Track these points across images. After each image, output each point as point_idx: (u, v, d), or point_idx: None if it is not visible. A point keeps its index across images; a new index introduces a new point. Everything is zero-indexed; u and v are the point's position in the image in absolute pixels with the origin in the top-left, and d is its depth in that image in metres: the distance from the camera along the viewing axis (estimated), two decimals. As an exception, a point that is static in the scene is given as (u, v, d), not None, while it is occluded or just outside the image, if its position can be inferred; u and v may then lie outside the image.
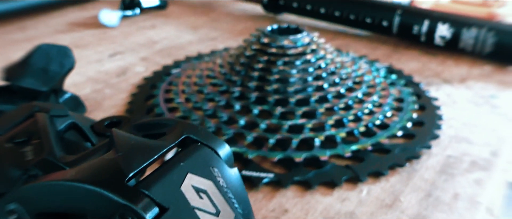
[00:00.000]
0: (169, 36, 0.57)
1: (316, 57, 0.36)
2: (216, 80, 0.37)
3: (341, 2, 0.57)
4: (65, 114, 0.22)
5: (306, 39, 0.36)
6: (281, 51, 0.35)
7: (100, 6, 0.71)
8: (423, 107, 0.37)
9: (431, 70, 0.46)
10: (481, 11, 0.59)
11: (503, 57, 0.47)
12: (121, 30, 0.60)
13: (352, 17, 0.56)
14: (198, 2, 0.76)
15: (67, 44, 0.53)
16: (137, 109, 0.37)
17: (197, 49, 0.53)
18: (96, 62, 0.49)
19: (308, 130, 0.32)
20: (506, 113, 0.37)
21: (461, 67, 0.47)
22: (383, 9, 0.54)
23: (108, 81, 0.44)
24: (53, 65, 0.33)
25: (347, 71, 0.37)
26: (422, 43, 0.51)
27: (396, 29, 0.53)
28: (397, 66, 0.47)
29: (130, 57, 0.50)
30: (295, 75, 0.35)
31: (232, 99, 0.34)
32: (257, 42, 0.37)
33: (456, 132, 0.34)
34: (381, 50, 0.52)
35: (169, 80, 0.42)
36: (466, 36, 0.48)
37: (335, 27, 0.60)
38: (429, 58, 0.50)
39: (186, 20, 0.65)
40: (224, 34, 0.58)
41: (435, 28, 0.49)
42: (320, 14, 0.59)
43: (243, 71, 0.36)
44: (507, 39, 0.46)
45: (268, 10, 0.65)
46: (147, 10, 0.68)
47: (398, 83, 0.41)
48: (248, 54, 0.36)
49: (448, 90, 0.42)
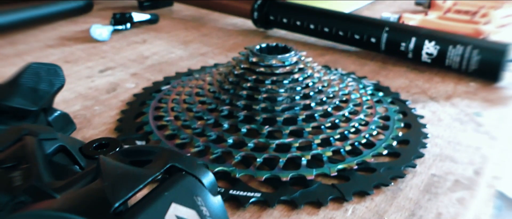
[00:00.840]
0: (159, 51, 0.58)
1: (304, 76, 0.36)
2: (205, 98, 0.38)
3: (330, 19, 0.58)
4: (53, 137, 0.23)
5: (293, 58, 0.37)
6: (269, 70, 0.36)
7: (91, 20, 0.72)
8: (409, 125, 0.38)
9: (418, 87, 0.47)
10: (468, 27, 0.61)
11: (487, 75, 0.48)
12: (112, 45, 0.60)
13: (341, 33, 0.57)
14: (190, 16, 0.76)
15: (58, 59, 0.54)
16: (127, 127, 0.38)
17: (187, 64, 0.53)
18: (86, 78, 0.49)
19: (295, 149, 0.32)
20: (489, 131, 0.38)
21: (447, 84, 0.48)
22: (371, 26, 0.55)
23: (98, 97, 0.44)
24: (42, 84, 0.33)
25: (334, 89, 0.38)
26: (409, 59, 0.52)
27: (384, 46, 0.53)
28: (385, 83, 0.48)
29: (120, 73, 0.50)
30: (283, 94, 0.35)
31: (221, 118, 0.35)
32: (246, 61, 0.37)
33: (440, 151, 0.35)
34: (369, 66, 0.53)
35: (159, 97, 0.42)
36: (452, 53, 0.49)
37: (325, 43, 0.61)
38: (417, 74, 0.51)
39: (177, 35, 0.65)
40: (214, 49, 0.59)
41: (422, 45, 0.50)
42: (309, 30, 0.60)
43: (232, 89, 0.36)
44: (491, 57, 0.47)
45: (258, 25, 0.66)
46: (138, 24, 0.69)
47: (385, 101, 0.41)
48: (237, 73, 0.37)
49: (434, 107, 0.42)
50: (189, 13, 0.78)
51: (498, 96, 0.45)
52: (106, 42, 0.61)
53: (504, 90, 0.46)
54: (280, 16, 0.62)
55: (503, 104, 0.43)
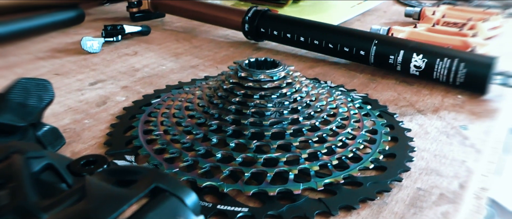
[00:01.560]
0: (150, 64, 0.58)
1: (292, 91, 0.37)
2: (194, 112, 0.38)
3: (320, 31, 0.59)
4: (41, 155, 0.23)
5: (282, 73, 0.37)
6: (258, 85, 0.36)
7: (82, 32, 0.72)
8: (396, 138, 0.38)
9: (406, 100, 0.47)
10: (456, 40, 0.61)
11: (474, 87, 0.49)
12: (103, 57, 0.60)
13: (331, 46, 0.57)
14: (181, 28, 0.77)
15: (48, 72, 0.54)
16: (116, 142, 0.38)
17: (178, 77, 0.53)
18: (76, 91, 0.49)
19: (283, 164, 0.33)
20: (475, 144, 0.38)
21: (435, 97, 0.48)
22: (360, 39, 0.55)
23: (88, 111, 0.44)
24: (31, 99, 0.34)
25: (322, 103, 0.38)
26: (398, 72, 0.53)
27: (373, 59, 0.54)
28: (374, 96, 0.48)
29: (111, 86, 0.51)
30: (271, 109, 0.36)
31: (210, 132, 0.35)
32: (235, 76, 0.37)
33: (426, 164, 0.35)
34: (359, 79, 0.53)
35: (149, 111, 0.42)
36: (439, 66, 0.49)
37: (315, 55, 0.61)
38: (405, 87, 0.51)
39: (168, 47, 0.66)
40: (205, 61, 0.59)
41: (410, 58, 0.51)
42: (300, 42, 0.60)
43: (221, 104, 0.37)
44: (477, 70, 0.48)
45: (249, 37, 0.66)
46: (130, 36, 0.69)
47: (373, 114, 0.42)
48: (226, 87, 0.37)
49: (421, 120, 0.43)
50: (181, 24, 0.79)
51: (485, 109, 0.46)
52: (97, 54, 0.61)
53: (490, 103, 0.47)
54: (271, 28, 0.62)
55: (489, 117, 0.44)
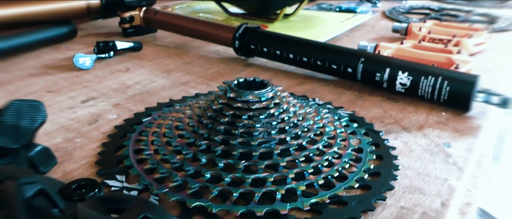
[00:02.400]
0: (142, 80, 0.59)
1: (279, 111, 0.38)
2: (184, 132, 0.39)
3: (308, 49, 0.60)
4: (33, 181, 0.23)
5: (270, 93, 0.38)
6: (246, 105, 0.37)
7: (75, 47, 0.73)
8: (381, 156, 0.39)
9: (391, 117, 0.49)
10: (441, 56, 0.63)
11: (457, 105, 0.50)
12: (95, 73, 0.61)
13: (319, 63, 0.59)
14: (173, 43, 0.78)
15: (40, 89, 0.55)
16: (107, 161, 0.38)
17: (169, 94, 0.54)
18: (68, 109, 0.50)
19: (270, 184, 0.33)
20: (457, 162, 0.40)
21: (420, 114, 0.50)
22: (348, 56, 0.57)
23: (79, 129, 0.45)
24: (24, 121, 0.34)
25: (309, 123, 0.39)
26: (385, 89, 0.54)
27: (360, 76, 0.55)
28: (360, 113, 0.49)
29: (102, 103, 0.51)
30: (259, 129, 0.36)
31: (199, 152, 0.36)
32: (224, 96, 0.38)
33: (410, 182, 0.36)
34: (346, 96, 0.55)
35: (140, 129, 0.43)
36: (424, 84, 0.51)
37: (304, 71, 0.62)
38: (391, 104, 0.52)
39: (160, 63, 0.66)
40: (196, 78, 0.60)
41: (396, 76, 0.52)
42: (289, 59, 0.61)
43: (210, 124, 0.38)
44: (461, 88, 0.49)
45: (239, 53, 0.67)
46: (122, 52, 0.70)
47: (359, 132, 0.43)
48: (215, 108, 0.38)
49: (406, 138, 0.44)
50: (172, 40, 0.80)
51: (468, 126, 0.47)
52: (89, 70, 0.62)
53: (473, 120, 0.48)
54: (261, 45, 0.64)
55: (472, 134, 0.45)
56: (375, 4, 1.15)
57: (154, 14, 0.78)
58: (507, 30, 0.91)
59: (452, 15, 1.06)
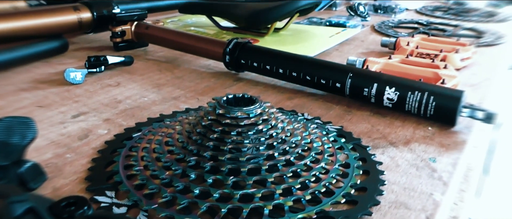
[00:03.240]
0: (133, 95, 0.59)
1: (268, 127, 0.38)
2: (174, 147, 0.39)
3: (297, 64, 0.61)
4: (23, 199, 0.24)
5: (258, 109, 0.39)
6: (235, 122, 0.38)
7: (66, 61, 0.73)
8: (368, 172, 0.40)
9: (379, 132, 0.49)
10: (428, 71, 0.64)
11: (443, 120, 0.51)
12: (85, 88, 0.61)
13: (308, 78, 0.59)
14: (164, 57, 0.78)
15: (31, 104, 0.55)
16: (97, 177, 0.39)
17: (160, 109, 0.55)
18: (59, 124, 0.50)
19: (258, 199, 0.34)
20: (442, 177, 0.40)
21: (406, 129, 0.50)
22: (336, 72, 0.58)
23: (70, 145, 0.45)
24: (14, 137, 0.35)
25: (297, 138, 0.40)
26: (373, 103, 0.55)
27: (348, 91, 0.56)
28: (348, 128, 0.50)
29: (93, 118, 0.52)
30: (248, 145, 0.37)
31: (188, 168, 0.36)
32: (213, 112, 0.39)
33: (396, 197, 0.37)
34: (335, 110, 0.55)
35: (130, 145, 0.43)
36: (411, 99, 0.52)
37: (293, 86, 0.63)
38: (379, 118, 0.53)
39: (151, 77, 0.67)
40: (187, 93, 0.61)
41: (383, 91, 0.53)
42: (278, 73, 0.62)
43: (200, 140, 0.38)
44: (447, 103, 0.50)
45: (230, 68, 0.68)
46: (113, 66, 0.70)
47: (346, 148, 0.44)
48: (204, 124, 0.39)
49: (393, 153, 0.45)
50: (163, 54, 0.80)
51: (453, 140, 0.48)
52: (80, 85, 0.63)
53: (459, 135, 0.49)
54: (251, 60, 0.64)
55: (457, 149, 0.46)
56: (365, 18, 1.17)
57: (146, 28, 0.78)
58: (494, 44, 0.93)
59: (440, 29, 1.08)
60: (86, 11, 0.79)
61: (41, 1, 0.91)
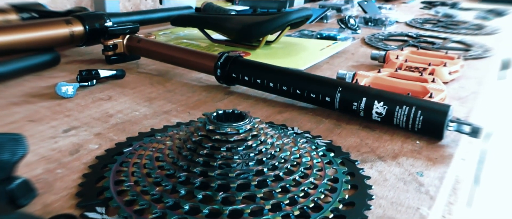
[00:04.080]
0: (124, 109, 0.59)
1: (257, 143, 0.39)
2: (164, 163, 0.39)
3: (288, 78, 0.61)
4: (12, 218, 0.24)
5: (248, 125, 0.39)
6: (225, 137, 0.38)
7: (57, 75, 0.73)
8: (356, 186, 0.41)
9: (368, 146, 0.50)
10: (416, 85, 0.65)
11: (431, 133, 0.52)
12: (77, 102, 0.62)
13: (298, 91, 0.60)
14: (155, 70, 0.79)
15: (22, 118, 0.55)
16: (87, 192, 0.39)
17: (151, 123, 0.55)
18: (49, 139, 0.50)
19: (247, 215, 0.34)
20: (429, 191, 0.41)
21: (395, 143, 0.51)
22: (326, 86, 0.58)
23: (60, 160, 0.45)
24: (5, 154, 0.35)
25: (286, 154, 0.40)
26: (362, 117, 0.56)
27: (338, 105, 0.57)
28: (338, 142, 0.51)
29: (84, 133, 0.52)
30: (237, 161, 0.37)
31: (178, 184, 0.37)
32: (203, 128, 0.39)
33: (383, 212, 0.38)
34: (325, 124, 0.56)
35: (121, 160, 0.44)
36: (399, 113, 0.52)
37: (284, 99, 0.64)
38: (368, 132, 0.54)
39: (142, 91, 0.67)
40: (178, 107, 0.61)
41: (372, 105, 0.54)
42: (269, 87, 0.63)
43: (190, 155, 0.38)
44: (434, 118, 0.51)
45: (221, 81, 0.69)
46: (105, 79, 0.71)
47: (335, 162, 0.44)
48: (194, 140, 0.39)
49: (381, 167, 0.45)
50: (155, 67, 0.81)
51: (440, 154, 0.49)
52: (71, 98, 0.63)
53: (446, 149, 0.50)
54: (242, 74, 0.65)
55: (444, 163, 0.47)
56: (355, 31, 1.18)
57: (138, 42, 0.79)
58: (481, 57, 0.94)
59: (429, 42, 1.09)
60: (78, 24, 0.80)
61: (33, 14, 0.91)
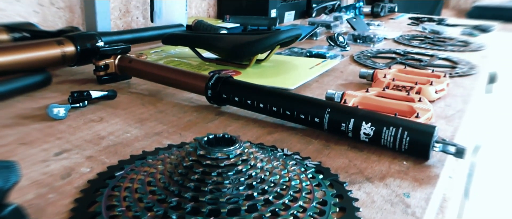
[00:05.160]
0: (115, 131, 0.60)
1: (247, 167, 0.40)
2: (155, 188, 0.40)
3: (278, 98, 0.62)
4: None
5: (238, 150, 0.40)
6: (215, 162, 0.39)
7: (49, 95, 0.74)
8: (344, 208, 0.41)
9: (356, 167, 0.51)
10: (403, 105, 0.66)
11: (417, 154, 0.53)
12: (68, 124, 0.62)
13: (288, 112, 0.61)
14: (146, 90, 0.79)
15: (13, 141, 0.56)
16: (79, 218, 0.39)
17: (142, 145, 0.55)
18: (41, 162, 0.50)
19: (238, 240, 0.35)
20: (415, 212, 0.42)
21: (382, 164, 0.52)
22: (315, 107, 0.59)
23: (52, 184, 0.46)
24: (-3, 182, 0.35)
25: (276, 178, 0.41)
26: (350, 138, 0.57)
27: (326, 126, 0.58)
28: (327, 163, 0.52)
29: (76, 156, 0.52)
30: (228, 185, 0.38)
31: (169, 209, 0.37)
32: (194, 153, 0.40)
33: (371, 235, 0.38)
34: (314, 145, 0.57)
35: (112, 184, 0.44)
36: (386, 134, 0.53)
37: (274, 120, 0.65)
38: (356, 153, 0.55)
39: (134, 112, 0.68)
40: (169, 128, 0.62)
41: (360, 126, 0.55)
42: (259, 108, 0.64)
43: (181, 180, 0.39)
44: (420, 138, 0.52)
45: (212, 102, 0.69)
46: (96, 100, 0.71)
47: (324, 184, 0.45)
48: (185, 165, 0.40)
49: (369, 188, 0.46)
50: (146, 87, 0.81)
51: (427, 175, 0.50)
52: (63, 120, 0.63)
53: (432, 169, 0.51)
54: (232, 94, 0.66)
55: (430, 183, 0.48)
56: (344, 48, 1.20)
57: (129, 62, 0.80)
58: (467, 74, 0.96)
59: (416, 60, 1.11)
60: (70, 45, 0.80)
61: (24, 34, 0.92)
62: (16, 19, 1.05)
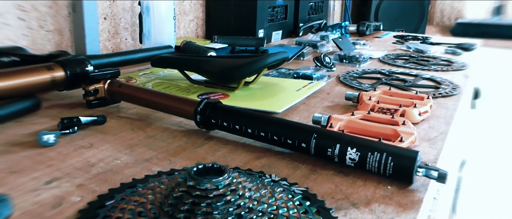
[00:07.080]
0: (105, 157, 0.61)
1: (236, 197, 0.41)
2: (146, 218, 0.41)
3: (265, 124, 0.64)
4: None
5: (226, 180, 0.41)
6: (204, 193, 0.40)
7: (38, 121, 0.74)
8: (331, 236, 0.43)
9: (342, 193, 0.52)
10: (387, 128, 0.68)
11: (401, 178, 0.54)
12: (58, 150, 0.63)
13: (276, 137, 0.62)
14: (136, 115, 0.80)
15: (3, 169, 0.56)
16: (71, 250, 0.40)
17: (132, 172, 0.56)
18: (31, 191, 0.51)
19: None
20: (400, 239, 0.43)
21: (368, 188, 0.54)
22: (301, 132, 0.61)
23: (43, 214, 0.46)
24: (-10, 217, 0.36)
25: (263, 207, 0.42)
26: (336, 162, 0.58)
27: (313, 150, 0.59)
28: (314, 188, 0.53)
29: (66, 184, 0.53)
30: (217, 216, 0.39)
31: (160, 241, 0.38)
32: (184, 184, 0.41)
33: (357, 262, 0.40)
34: (301, 170, 0.58)
35: (103, 214, 0.45)
36: (371, 159, 0.55)
37: (262, 144, 0.66)
38: (342, 178, 0.56)
39: (123, 137, 0.69)
40: (159, 154, 0.63)
41: (346, 151, 0.57)
42: (248, 133, 0.65)
43: (171, 211, 0.40)
44: (403, 163, 0.54)
45: (201, 126, 0.71)
46: (86, 125, 0.72)
47: (310, 211, 0.46)
48: (175, 195, 0.41)
49: (354, 214, 0.48)
50: (136, 111, 0.82)
51: (410, 199, 0.51)
52: (53, 147, 0.64)
53: (416, 193, 0.53)
54: (221, 119, 0.67)
55: (414, 208, 0.49)
56: (330, 68, 1.22)
57: (118, 86, 0.80)
58: (451, 95, 0.99)
59: (401, 80, 1.14)
60: (60, 70, 0.81)
61: (13, 58, 0.92)
62: (5, 43, 1.05)
